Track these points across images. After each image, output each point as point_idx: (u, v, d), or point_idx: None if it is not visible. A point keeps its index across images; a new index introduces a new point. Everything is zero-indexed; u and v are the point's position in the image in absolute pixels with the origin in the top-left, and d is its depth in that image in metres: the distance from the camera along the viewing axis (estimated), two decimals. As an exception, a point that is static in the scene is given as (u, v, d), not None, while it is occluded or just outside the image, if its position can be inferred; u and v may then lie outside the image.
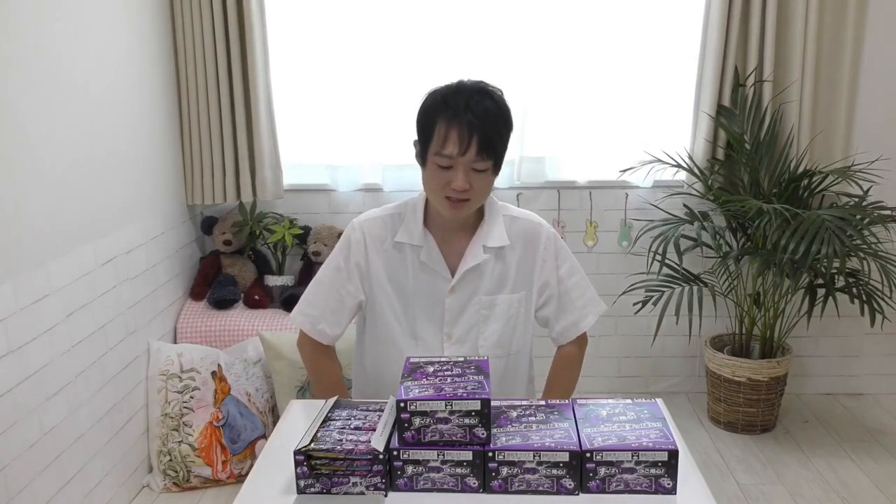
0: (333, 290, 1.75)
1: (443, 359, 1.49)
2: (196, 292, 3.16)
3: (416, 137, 1.67)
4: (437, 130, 1.58)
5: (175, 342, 3.02)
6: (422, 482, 1.33)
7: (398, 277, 1.73)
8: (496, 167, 1.63)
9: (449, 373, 1.42)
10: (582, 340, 1.84)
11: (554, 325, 1.81)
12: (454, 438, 1.32)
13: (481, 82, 1.63)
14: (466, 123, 1.55)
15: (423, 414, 1.31)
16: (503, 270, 1.74)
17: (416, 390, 1.34)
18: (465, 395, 1.31)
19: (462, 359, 1.49)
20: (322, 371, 1.81)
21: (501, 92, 1.64)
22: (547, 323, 1.82)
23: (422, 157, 1.64)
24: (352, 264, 1.74)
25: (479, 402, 1.30)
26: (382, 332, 1.77)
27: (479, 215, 1.74)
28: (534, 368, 1.92)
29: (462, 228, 1.73)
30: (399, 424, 1.33)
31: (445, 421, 1.31)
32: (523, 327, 1.80)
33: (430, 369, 1.44)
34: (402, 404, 1.31)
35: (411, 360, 1.50)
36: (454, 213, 1.64)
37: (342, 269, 1.74)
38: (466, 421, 1.31)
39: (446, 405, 1.31)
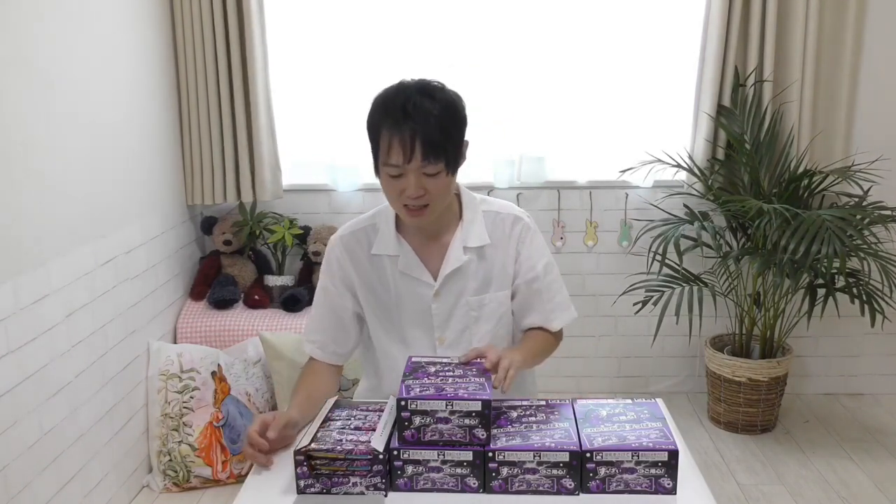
0: (329, 311, 1.72)
1: (444, 359, 1.49)
2: (196, 292, 3.16)
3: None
4: (381, 140, 1.51)
5: (175, 342, 3.02)
6: (422, 482, 1.33)
7: (381, 289, 1.70)
8: (451, 167, 1.54)
9: (451, 373, 1.41)
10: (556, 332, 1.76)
11: (520, 321, 1.75)
12: (454, 439, 1.32)
13: (422, 81, 1.54)
14: (408, 130, 1.47)
15: (424, 413, 1.31)
16: (487, 269, 1.69)
17: (417, 389, 1.34)
18: (465, 395, 1.31)
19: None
20: (300, 385, 1.72)
21: (443, 86, 1.55)
22: (512, 317, 1.77)
23: (374, 166, 1.58)
24: (338, 281, 1.71)
25: (479, 402, 1.30)
26: (374, 343, 1.75)
27: (458, 215, 1.70)
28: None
29: (440, 231, 1.68)
30: (399, 423, 1.33)
31: (446, 421, 1.31)
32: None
33: (432, 369, 1.43)
34: (402, 403, 1.31)
35: (413, 359, 1.50)
36: (416, 221, 1.59)
37: (330, 289, 1.72)
38: (466, 421, 1.31)
39: (447, 405, 1.30)
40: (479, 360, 1.47)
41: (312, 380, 1.70)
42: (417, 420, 1.31)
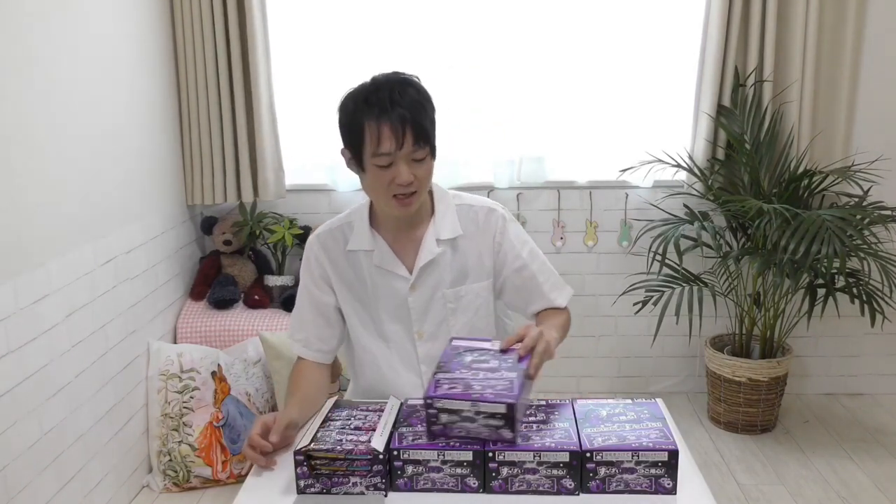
0: (312, 308, 1.73)
1: (485, 344, 1.49)
2: (196, 292, 3.16)
3: (342, 146, 1.62)
4: (367, 132, 1.53)
5: (175, 342, 3.02)
6: (422, 482, 1.33)
7: (358, 285, 1.72)
8: (433, 152, 1.59)
9: (485, 365, 1.41)
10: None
11: (525, 309, 1.77)
12: (481, 436, 1.32)
13: (396, 73, 1.59)
14: (397, 117, 1.51)
15: (450, 411, 1.31)
16: (462, 261, 1.71)
17: (446, 387, 1.34)
18: (491, 397, 1.30)
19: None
20: (294, 385, 1.72)
21: (418, 78, 1.60)
22: (516, 309, 1.80)
23: (357, 162, 1.58)
24: (317, 278, 1.72)
25: (503, 406, 1.29)
26: (353, 342, 1.77)
27: (431, 209, 1.71)
28: None
29: (413, 225, 1.69)
30: (427, 419, 1.33)
31: (472, 420, 1.31)
32: (496, 315, 1.79)
33: (468, 358, 1.44)
34: (428, 400, 1.32)
35: (454, 342, 1.51)
36: (404, 211, 1.60)
37: (310, 286, 1.73)
38: (492, 422, 1.30)
39: (472, 405, 1.30)
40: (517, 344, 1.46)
41: (305, 378, 1.71)
42: (444, 417, 1.32)
